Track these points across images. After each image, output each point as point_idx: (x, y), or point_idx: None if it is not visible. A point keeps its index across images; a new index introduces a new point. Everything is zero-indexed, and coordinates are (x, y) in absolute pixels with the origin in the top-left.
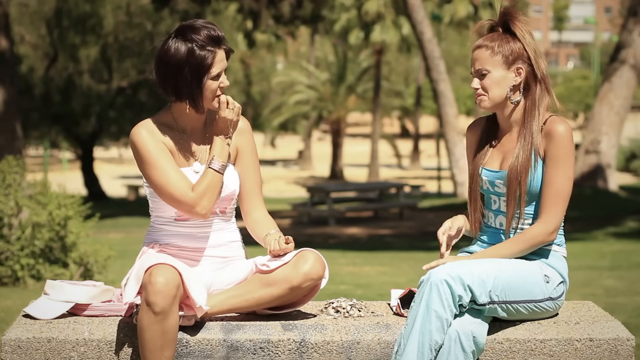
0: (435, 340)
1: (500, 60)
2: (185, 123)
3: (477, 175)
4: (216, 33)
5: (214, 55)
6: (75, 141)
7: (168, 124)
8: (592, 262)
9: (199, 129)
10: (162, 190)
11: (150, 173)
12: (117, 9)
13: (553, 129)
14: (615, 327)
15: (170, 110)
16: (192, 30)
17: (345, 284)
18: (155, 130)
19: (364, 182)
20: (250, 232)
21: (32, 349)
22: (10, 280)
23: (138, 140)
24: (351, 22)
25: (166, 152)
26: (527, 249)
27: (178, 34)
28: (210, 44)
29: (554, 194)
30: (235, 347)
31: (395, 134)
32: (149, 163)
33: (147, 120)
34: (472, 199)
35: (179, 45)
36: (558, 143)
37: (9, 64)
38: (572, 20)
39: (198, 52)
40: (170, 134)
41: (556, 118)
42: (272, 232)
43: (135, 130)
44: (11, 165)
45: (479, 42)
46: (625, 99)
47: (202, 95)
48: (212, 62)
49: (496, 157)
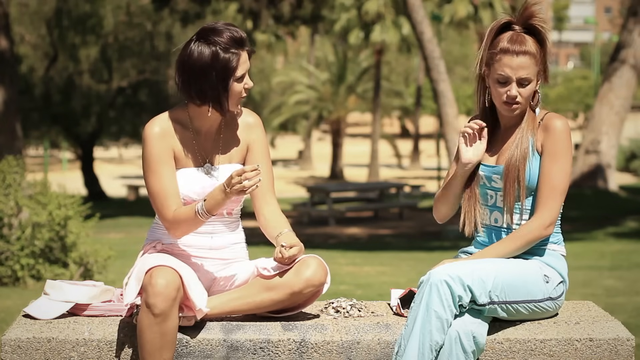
0: (436, 340)
1: (536, 70)
2: (201, 124)
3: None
4: (239, 35)
5: (238, 58)
6: (75, 141)
7: (183, 123)
8: (592, 262)
9: (214, 130)
10: (151, 197)
11: (147, 177)
12: (117, 9)
13: (551, 124)
14: (615, 327)
15: (186, 108)
16: (214, 32)
17: (345, 284)
18: (169, 127)
19: (364, 182)
20: (263, 230)
21: (32, 349)
22: (10, 280)
23: (148, 138)
24: (351, 22)
25: (170, 161)
26: (524, 245)
27: (200, 37)
28: (234, 46)
29: (550, 188)
30: (235, 347)
31: (395, 134)
32: (149, 167)
33: (164, 116)
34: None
35: (203, 49)
36: (556, 137)
37: (9, 64)
38: (572, 20)
39: (222, 55)
40: (185, 133)
41: (553, 114)
42: (284, 232)
43: (149, 127)
44: (11, 165)
45: (524, 47)
46: (625, 99)
47: (228, 97)
48: (237, 64)
49: (493, 152)
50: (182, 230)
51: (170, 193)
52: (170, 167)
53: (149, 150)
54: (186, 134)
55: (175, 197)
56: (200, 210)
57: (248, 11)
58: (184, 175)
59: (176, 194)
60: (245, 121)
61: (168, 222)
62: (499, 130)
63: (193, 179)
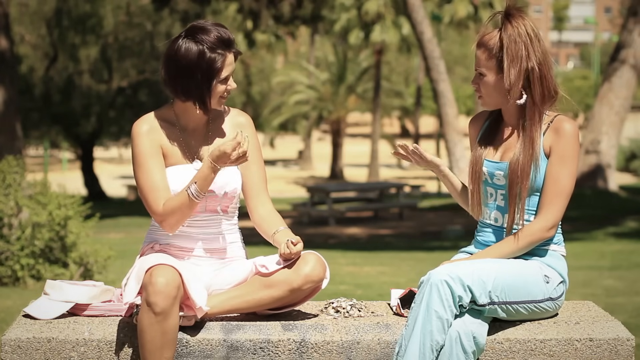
0: (436, 340)
1: (494, 65)
2: (188, 121)
3: (480, 164)
4: (227, 36)
5: (224, 59)
6: (75, 141)
7: (170, 121)
8: (592, 262)
9: (201, 127)
10: (141, 192)
11: (135, 172)
12: (117, 9)
13: (561, 127)
14: (615, 327)
15: (172, 107)
16: (203, 31)
17: (345, 284)
18: (156, 126)
19: (364, 182)
20: (258, 229)
21: (32, 349)
22: (10, 280)
23: (136, 136)
24: (351, 22)
25: (158, 156)
26: (526, 246)
27: (188, 34)
28: (220, 46)
29: (556, 190)
30: (235, 347)
31: (395, 134)
32: (137, 162)
33: (150, 115)
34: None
35: (190, 46)
36: (566, 140)
37: (9, 64)
38: (572, 20)
39: (209, 54)
40: (171, 130)
41: (564, 117)
42: (280, 230)
43: (136, 125)
44: (11, 165)
45: (479, 39)
46: (625, 99)
47: (211, 97)
48: (222, 65)
49: (497, 148)
50: (175, 218)
51: (159, 186)
52: (159, 162)
53: (137, 147)
54: (173, 131)
55: (164, 191)
56: (195, 192)
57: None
58: (173, 172)
59: (165, 187)
60: (236, 120)
61: (159, 215)
62: (503, 126)
63: (183, 175)
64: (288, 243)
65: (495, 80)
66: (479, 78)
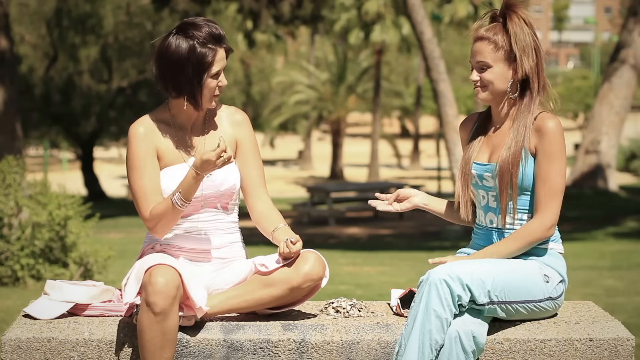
0: (436, 339)
1: (502, 56)
2: (184, 120)
3: (470, 165)
4: (218, 31)
5: (214, 54)
6: (75, 141)
7: (166, 121)
8: (592, 262)
9: (198, 125)
10: (132, 196)
11: (129, 175)
12: (117, 9)
13: (544, 125)
14: (615, 327)
15: (167, 107)
16: (193, 27)
17: (345, 284)
18: (153, 128)
19: (364, 182)
20: (257, 226)
21: (32, 349)
22: (10, 280)
23: (132, 139)
24: (351, 22)
25: (152, 160)
26: (525, 246)
27: (179, 31)
28: (211, 41)
29: (549, 189)
30: (235, 347)
31: (395, 134)
32: (131, 166)
33: (146, 117)
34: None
35: (180, 42)
36: (550, 139)
37: (9, 64)
38: (572, 20)
39: (199, 49)
40: (168, 131)
41: (546, 114)
42: (280, 227)
43: (132, 128)
44: (11, 165)
45: (481, 33)
46: (625, 99)
47: (202, 93)
48: (213, 60)
49: (485, 150)
50: (161, 225)
51: (150, 190)
52: (153, 166)
53: (132, 150)
54: (170, 132)
55: (155, 195)
56: (178, 200)
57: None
58: (170, 172)
59: (156, 191)
60: (233, 119)
61: (146, 220)
62: (491, 127)
63: (179, 175)
64: (287, 242)
65: (503, 71)
66: (482, 70)
